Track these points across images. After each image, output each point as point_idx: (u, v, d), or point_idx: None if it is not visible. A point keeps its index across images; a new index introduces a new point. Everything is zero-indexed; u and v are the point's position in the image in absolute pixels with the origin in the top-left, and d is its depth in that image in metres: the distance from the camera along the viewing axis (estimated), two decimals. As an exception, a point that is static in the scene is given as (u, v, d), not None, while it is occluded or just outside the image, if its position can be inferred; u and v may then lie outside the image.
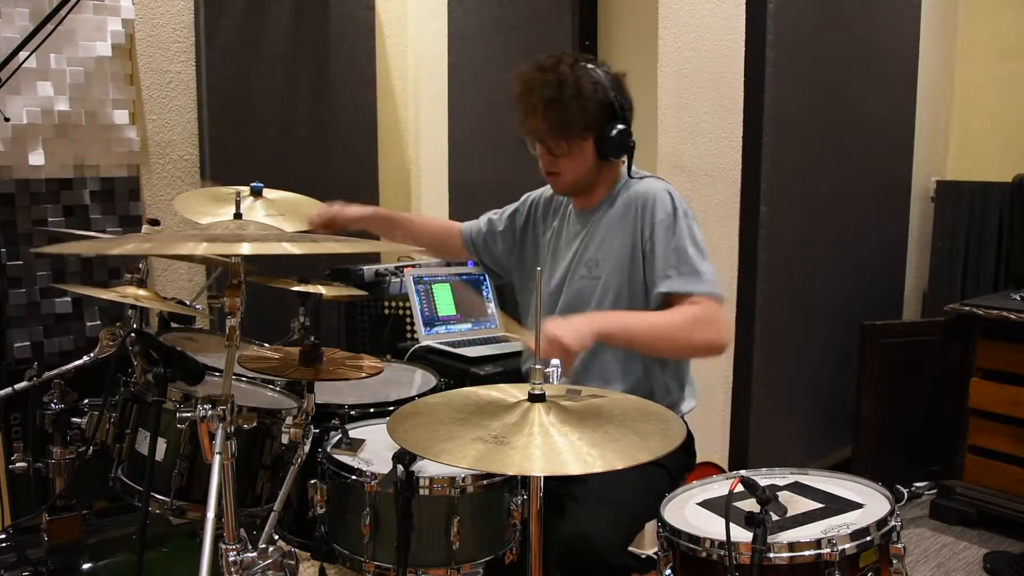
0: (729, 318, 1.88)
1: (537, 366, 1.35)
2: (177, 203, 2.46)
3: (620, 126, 1.91)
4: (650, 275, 1.89)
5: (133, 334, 1.81)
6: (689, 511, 1.56)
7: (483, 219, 2.31)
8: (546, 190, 2.18)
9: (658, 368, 1.99)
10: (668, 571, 1.48)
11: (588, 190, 2.03)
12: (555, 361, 1.57)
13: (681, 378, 2.05)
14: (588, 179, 1.99)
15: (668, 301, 1.87)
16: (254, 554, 1.45)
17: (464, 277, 3.05)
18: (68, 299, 2.78)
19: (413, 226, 2.38)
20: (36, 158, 2.71)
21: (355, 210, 2.24)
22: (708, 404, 2.12)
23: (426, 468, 1.64)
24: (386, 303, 3.06)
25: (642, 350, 1.92)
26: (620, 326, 1.81)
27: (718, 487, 1.65)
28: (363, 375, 1.79)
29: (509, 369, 2.62)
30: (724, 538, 1.36)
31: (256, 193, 2.41)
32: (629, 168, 2.00)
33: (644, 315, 1.88)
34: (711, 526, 1.48)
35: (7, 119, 2.50)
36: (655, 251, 1.88)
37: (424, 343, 2.82)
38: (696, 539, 1.43)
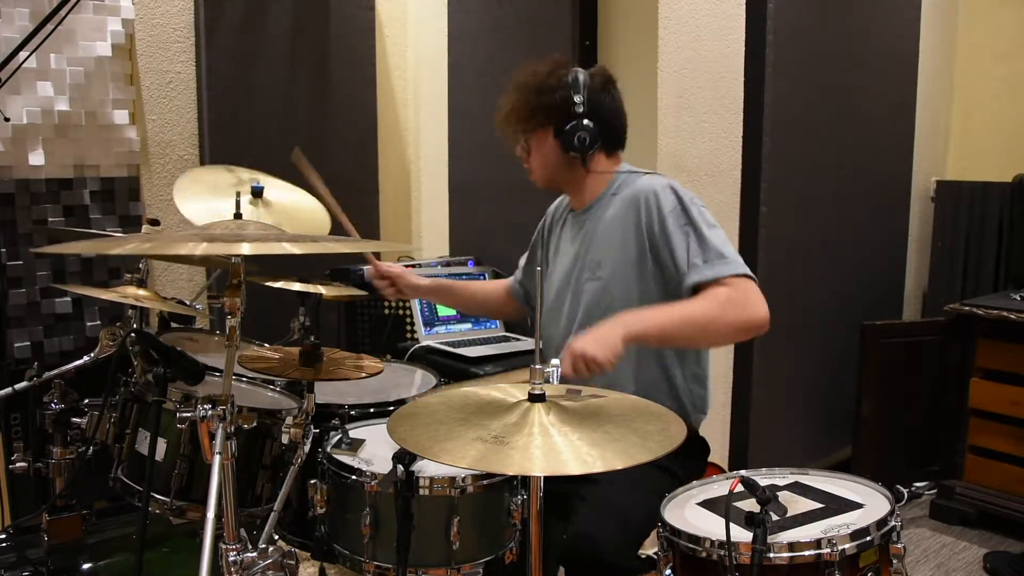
0: (761, 295, 1.74)
1: (537, 366, 1.35)
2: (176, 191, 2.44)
3: (579, 122, 1.89)
4: (674, 269, 1.80)
5: (133, 334, 1.82)
6: (689, 511, 1.56)
7: (519, 268, 2.31)
8: (560, 201, 2.18)
9: (678, 370, 1.93)
10: (668, 571, 1.48)
11: (573, 188, 2.03)
12: (555, 361, 1.56)
13: (702, 380, 1.99)
14: (559, 174, 1.99)
15: (698, 291, 1.76)
16: (254, 554, 1.45)
17: (464, 277, 3.05)
18: (68, 299, 2.78)
19: (474, 294, 2.38)
20: (36, 158, 2.71)
21: (420, 280, 2.24)
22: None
23: (426, 468, 1.64)
24: (386, 303, 3.06)
25: (679, 344, 1.84)
26: (650, 324, 1.68)
27: (718, 487, 1.65)
28: (363, 375, 1.80)
29: (509, 369, 2.62)
30: (724, 538, 1.36)
31: (256, 193, 2.41)
32: (583, 162, 1.94)
33: (673, 307, 1.73)
34: (711, 526, 1.48)
35: (7, 119, 2.50)
36: (672, 244, 1.79)
37: (424, 343, 2.82)
38: (696, 539, 1.43)
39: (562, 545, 1.71)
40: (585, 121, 1.90)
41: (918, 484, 3.41)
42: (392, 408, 1.88)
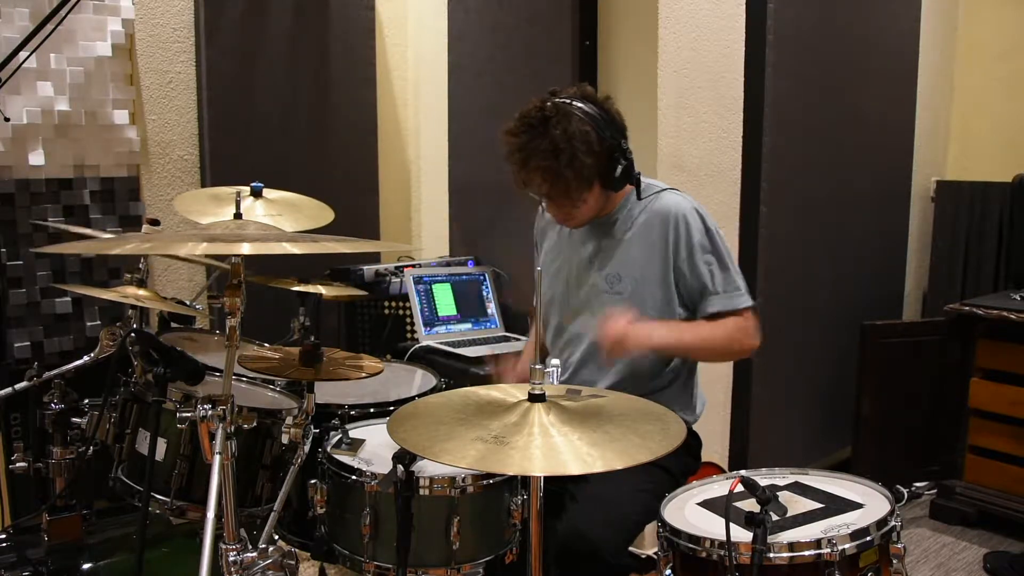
0: (758, 325, 2.03)
1: (537, 366, 1.35)
2: (177, 202, 2.46)
3: (621, 164, 1.89)
4: (691, 294, 1.97)
5: (133, 334, 1.82)
6: (689, 511, 1.56)
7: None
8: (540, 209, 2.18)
9: (684, 373, 2.05)
10: (668, 571, 1.48)
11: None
12: (555, 361, 1.58)
13: (695, 385, 2.10)
14: (599, 210, 2.00)
15: (714, 316, 1.97)
16: (254, 554, 1.45)
17: (464, 277, 3.05)
18: (68, 299, 2.77)
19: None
20: (36, 158, 2.71)
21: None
22: (708, 404, 2.14)
23: (426, 468, 1.64)
24: (386, 303, 3.06)
25: (686, 356, 2.04)
26: (676, 341, 1.96)
27: (718, 487, 1.65)
28: (363, 375, 1.79)
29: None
30: (724, 538, 1.36)
31: (256, 193, 2.41)
32: (639, 193, 1.98)
33: (696, 328, 1.97)
34: (711, 526, 1.48)
35: (7, 119, 2.49)
36: (697, 272, 1.95)
37: (424, 343, 2.82)
38: (696, 539, 1.43)
39: (554, 542, 1.72)
40: (622, 159, 1.90)
41: (918, 484, 3.41)
42: (392, 408, 1.88)
